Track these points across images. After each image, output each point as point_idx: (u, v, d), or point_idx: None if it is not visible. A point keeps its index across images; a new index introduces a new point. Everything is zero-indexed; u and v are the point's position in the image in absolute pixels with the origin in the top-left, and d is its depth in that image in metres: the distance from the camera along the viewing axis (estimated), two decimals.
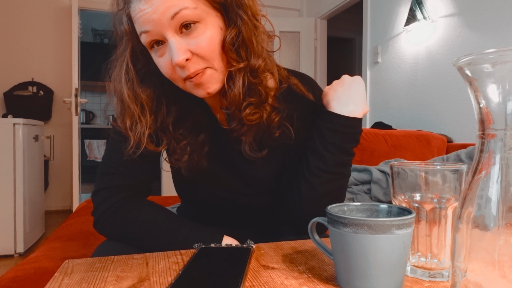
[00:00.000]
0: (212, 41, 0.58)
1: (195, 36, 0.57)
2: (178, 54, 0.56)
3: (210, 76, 0.60)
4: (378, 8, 3.09)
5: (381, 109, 3.05)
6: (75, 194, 3.07)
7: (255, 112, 0.63)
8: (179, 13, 0.55)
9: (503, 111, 0.30)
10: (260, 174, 0.72)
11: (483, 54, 0.29)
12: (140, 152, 0.64)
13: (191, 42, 0.57)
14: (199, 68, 0.58)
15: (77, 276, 0.46)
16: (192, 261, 0.48)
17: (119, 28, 0.63)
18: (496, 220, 0.30)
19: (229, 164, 0.73)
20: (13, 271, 0.82)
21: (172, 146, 0.67)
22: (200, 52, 0.58)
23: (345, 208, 0.45)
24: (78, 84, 3.11)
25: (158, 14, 0.55)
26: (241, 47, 0.60)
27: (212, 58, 0.59)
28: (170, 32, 0.56)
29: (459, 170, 0.43)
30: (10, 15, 3.55)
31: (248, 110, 0.62)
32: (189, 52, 0.57)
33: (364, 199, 1.47)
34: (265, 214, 0.79)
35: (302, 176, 0.67)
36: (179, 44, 0.56)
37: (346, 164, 0.66)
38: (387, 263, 0.38)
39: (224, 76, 0.62)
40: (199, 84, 0.60)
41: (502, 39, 2.02)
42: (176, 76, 0.60)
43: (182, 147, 0.67)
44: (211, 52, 0.58)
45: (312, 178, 0.65)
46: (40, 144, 2.86)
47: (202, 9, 0.57)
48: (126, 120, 0.64)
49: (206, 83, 0.60)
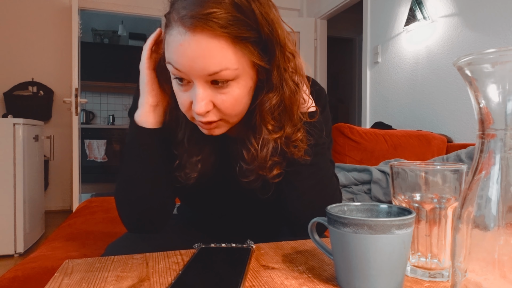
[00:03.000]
0: (237, 101, 0.56)
1: (224, 92, 0.54)
2: (201, 106, 0.53)
3: (221, 125, 0.59)
4: (378, 8, 3.09)
5: (381, 109, 3.05)
6: (75, 194, 3.07)
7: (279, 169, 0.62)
8: (219, 73, 0.52)
9: (503, 111, 0.30)
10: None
11: (483, 54, 0.29)
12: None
13: (218, 96, 0.54)
14: (214, 119, 0.57)
15: (77, 276, 0.46)
16: (192, 261, 0.48)
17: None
18: (496, 220, 0.30)
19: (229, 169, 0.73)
20: (13, 271, 0.82)
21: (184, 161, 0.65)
22: (223, 108, 0.55)
23: (345, 208, 0.45)
24: (78, 84, 3.11)
25: (195, 64, 0.51)
26: (280, 113, 0.58)
27: (231, 115, 0.57)
28: (201, 81, 0.53)
29: (459, 170, 0.43)
30: (10, 15, 3.55)
31: (275, 170, 0.61)
32: (212, 104, 0.55)
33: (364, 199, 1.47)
34: (265, 214, 0.79)
35: (284, 176, 0.65)
36: (205, 95, 0.53)
37: (319, 153, 0.65)
38: (387, 263, 0.38)
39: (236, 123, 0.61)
40: (211, 128, 0.59)
41: (502, 39, 2.02)
42: (190, 114, 0.58)
43: (194, 162, 0.65)
44: (232, 110, 0.56)
45: (292, 176, 0.64)
46: (40, 144, 2.86)
47: (242, 69, 0.54)
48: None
49: (214, 129, 0.59)
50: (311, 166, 0.64)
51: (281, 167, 0.62)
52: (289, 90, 0.58)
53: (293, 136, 0.60)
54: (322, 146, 0.65)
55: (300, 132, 0.60)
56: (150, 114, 0.63)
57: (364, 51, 3.26)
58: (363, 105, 3.26)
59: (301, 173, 0.64)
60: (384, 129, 2.30)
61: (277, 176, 0.62)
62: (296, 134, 0.60)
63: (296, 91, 0.59)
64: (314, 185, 0.65)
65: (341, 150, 1.83)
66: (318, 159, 0.65)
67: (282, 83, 0.57)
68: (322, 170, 0.66)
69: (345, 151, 1.83)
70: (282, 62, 0.57)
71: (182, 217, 0.84)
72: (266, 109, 0.58)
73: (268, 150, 0.59)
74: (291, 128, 0.60)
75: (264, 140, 0.59)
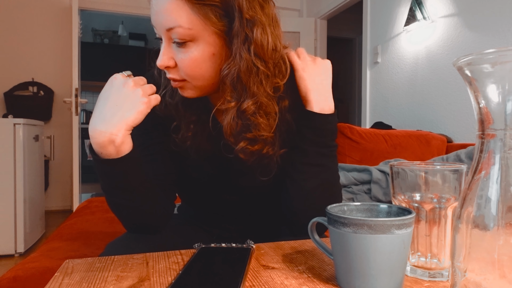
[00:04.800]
0: (196, 63, 0.58)
1: (183, 51, 0.58)
2: (160, 59, 0.59)
3: (188, 88, 0.62)
4: (378, 8, 3.09)
5: (381, 109, 3.05)
6: (75, 194, 3.07)
7: (251, 146, 0.63)
8: (173, 29, 0.56)
9: (503, 111, 0.30)
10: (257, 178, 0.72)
11: (483, 54, 0.29)
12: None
13: (178, 55, 0.59)
14: (176, 78, 0.61)
15: (78, 275, 0.46)
16: (192, 261, 0.48)
17: None
18: (496, 220, 0.30)
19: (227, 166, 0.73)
20: (13, 271, 0.82)
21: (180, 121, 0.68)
22: (182, 67, 0.59)
23: (345, 208, 0.45)
24: (78, 84, 3.11)
25: (158, 19, 0.58)
26: (238, 83, 0.59)
27: (192, 77, 0.60)
28: (165, 37, 0.59)
29: (459, 170, 0.43)
30: (11, 16, 3.55)
31: (242, 143, 0.63)
32: (173, 61, 0.60)
33: (364, 199, 1.47)
34: (265, 214, 0.79)
35: (288, 175, 0.67)
36: (166, 51, 0.59)
37: (327, 155, 0.66)
38: (387, 263, 0.38)
39: (208, 91, 0.63)
40: (177, 87, 0.63)
41: (502, 39, 2.02)
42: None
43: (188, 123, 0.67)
44: (191, 71, 0.59)
45: (296, 175, 0.65)
46: (41, 144, 2.86)
47: (198, 31, 0.57)
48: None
49: (183, 89, 0.63)
50: (320, 167, 0.65)
51: (249, 143, 0.63)
52: (246, 62, 0.58)
53: (245, 107, 0.60)
54: (332, 148, 0.66)
55: (254, 105, 0.60)
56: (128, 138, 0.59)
57: (364, 51, 3.26)
58: (363, 105, 3.26)
59: (308, 173, 0.65)
60: (384, 129, 2.30)
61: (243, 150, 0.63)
62: (249, 107, 0.60)
63: (254, 64, 0.58)
64: (320, 185, 0.66)
65: (341, 150, 1.83)
66: (329, 161, 0.66)
67: (239, 53, 0.58)
68: (330, 170, 0.67)
69: (345, 151, 1.83)
70: (241, 32, 0.57)
71: (182, 217, 0.84)
72: (223, 78, 0.59)
73: (228, 121, 0.61)
74: (246, 101, 0.60)
75: (224, 108, 0.61)
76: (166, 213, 0.69)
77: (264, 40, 0.58)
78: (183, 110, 0.67)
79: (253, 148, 0.63)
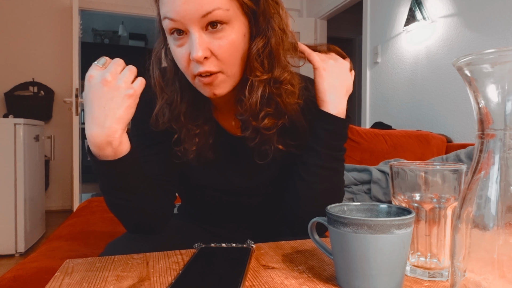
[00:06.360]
0: (234, 46, 0.57)
1: (220, 37, 0.56)
2: (199, 50, 0.55)
3: (221, 81, 0.59)
4: (378, 8, 3.09)
5: (381, 109, 3.05)
6: (75, 194, 3.07)
7: (273, 122, 0.63)
8: (212, 12, 0.54)
9: (503, 111, 0.30)
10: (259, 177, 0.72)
11: (482, 54, 0.30)
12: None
13: (214, 42, 0.56)
14: (213, 70, 0.57)
15: (78, 275, 0.46)
16: (192, 261, 0.48)
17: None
18: (496, 220, 0.30)
19: (229, 164, 0.73)
20: (14, 271, 0.82)
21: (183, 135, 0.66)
22: (220, 54, 0.57)
23: (345, 208, 0.45)
24: (79, 84, 3.11)
25: (189, 8, 0.54)
26: (267, 58, 0.60)
27: (229, 63, 0.58)
28: (196, 27, 0.55)
29: (459, 170, 0.43)
30: (11, 16, 3.55)
31: (266, 120, 0.62)
32: (209, 51, 0.56)
33: (364, 199, 1.47)
34: (265, 214, 0.79)
35: (298, 175, 0.67)
36: (201, 40, 0.55)
37: (339, 159, 0.67)
38: (387, 263, 0.38)
39: (235, 83, 0.62)
40: (208, 84, 0.59)
41: (502, 39, 2.03)
42: (190, 70, 0.59)
43: (192, 136, 0.66)
44: (230, 56, 0.58)
45: (308, 177, 0.65)
46: (41, 144, 2.86)
47: (233, 12, 0.56)
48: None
49: (215, 85, 0.60)
50: (332, 170, 0.66)
51: (273, 117, 0.63)
52: (275, 34, 0.60)
53: (282, 78, 0.61)
54: (343, 153, 0.67)
55: (287, 73, 0.62)
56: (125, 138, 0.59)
57: (363, 51, 3.26)
58: (363, 105, 3.26)
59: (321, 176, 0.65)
60: (383, 129, 2.30)
61: (269, 128, 0.63)
62: (283, 74, 0.62)
63: (282, 36, 0.61)
64: (330, 188, 0.66)
65: None
66: (340, 165, 0.67)
67: (268, 27, 0.59)
68: (339, 174, 0.68)
69: None
70: (267, 8, 0.59)
71: (182, 217, 0.84)
72: (254, 53, 0.59)
73: (257, 95, 0.60)
74: (279, 71, 0.62)
75: (254, 84, 0.61)
76: (166, 213, 0.69)
77: (284, 16, 0.62)
78: (185, 122, 0.65)
79: (279, 121, 0.64)
